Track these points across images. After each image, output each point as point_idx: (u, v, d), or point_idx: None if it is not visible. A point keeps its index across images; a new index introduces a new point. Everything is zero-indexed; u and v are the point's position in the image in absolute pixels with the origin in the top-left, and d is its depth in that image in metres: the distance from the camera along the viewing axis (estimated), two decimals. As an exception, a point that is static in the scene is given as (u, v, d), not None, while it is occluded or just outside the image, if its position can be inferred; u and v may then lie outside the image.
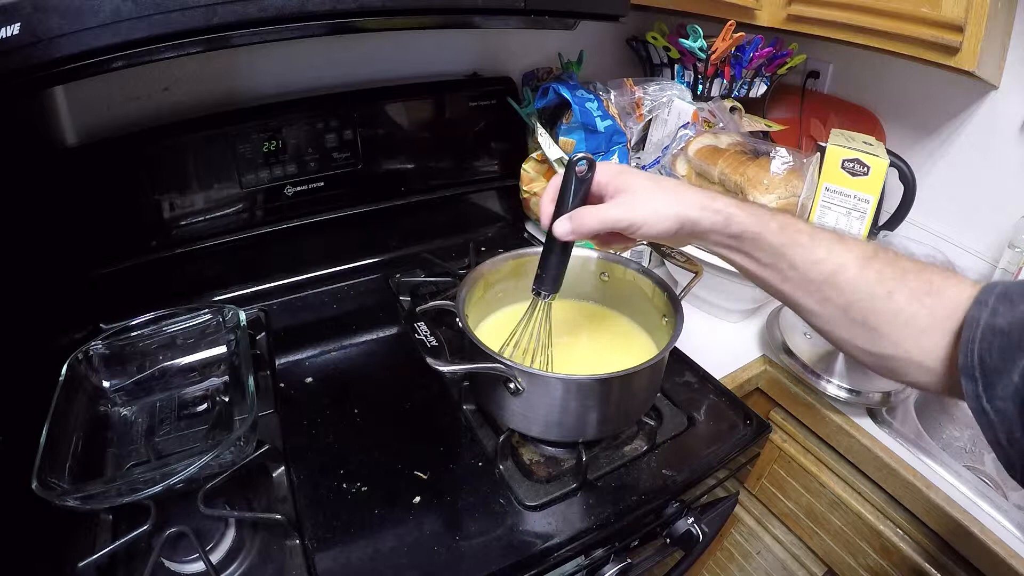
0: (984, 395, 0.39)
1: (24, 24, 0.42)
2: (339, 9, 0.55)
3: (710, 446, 0.69)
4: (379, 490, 0.62)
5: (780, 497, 0.90)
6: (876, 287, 0.45)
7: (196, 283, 0.88)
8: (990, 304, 0.40)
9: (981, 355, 0.39)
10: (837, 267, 0.47)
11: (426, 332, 0.59)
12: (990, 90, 0.99)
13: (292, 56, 0.90)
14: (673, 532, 0.66)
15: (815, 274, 0.48)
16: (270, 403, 0.71)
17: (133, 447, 0.65)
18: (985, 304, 0.40)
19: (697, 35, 1.03)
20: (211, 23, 0.49)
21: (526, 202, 1.07)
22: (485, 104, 1.03)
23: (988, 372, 0.38)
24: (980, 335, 0.39)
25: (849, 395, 0.77)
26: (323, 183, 0.92)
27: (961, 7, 0.76)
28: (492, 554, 0.56)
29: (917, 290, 0.44)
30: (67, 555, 0.53)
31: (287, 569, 0.55)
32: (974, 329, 0.40)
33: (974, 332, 0.39)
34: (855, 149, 0.88)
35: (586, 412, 0.61)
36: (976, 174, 1.04)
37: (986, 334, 0.39)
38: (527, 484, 0.63)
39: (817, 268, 0.47)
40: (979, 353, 0.39)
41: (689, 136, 0.98)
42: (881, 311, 0.45)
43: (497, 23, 0.77)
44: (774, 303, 0.93)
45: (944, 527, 0.68)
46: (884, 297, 0.45)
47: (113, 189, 0.79)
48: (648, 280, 0.72)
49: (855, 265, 0.46)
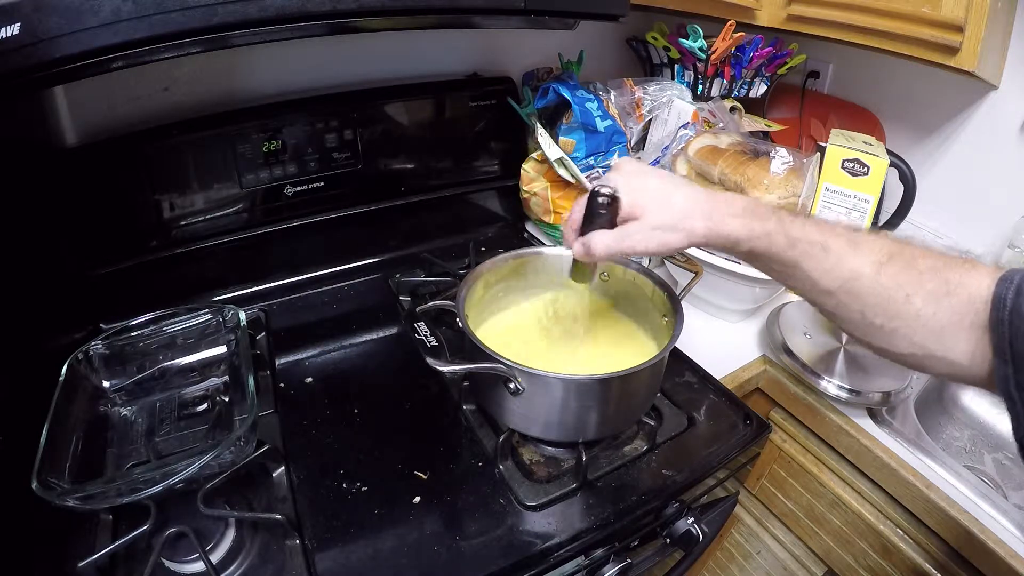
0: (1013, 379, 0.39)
1: (24, 24, 0.42)
2: (339, 9, 0.55)
3: (710, 446, 0.69)
4: (379, 490, 0.62)
5: (780, 497, 0.90)
6: (893, 292, 0.45)
7: (196, 283, 0.88)
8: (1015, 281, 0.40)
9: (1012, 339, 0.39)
10: (851, 275, 0.47)
11: (426, 332, 0.59)
12: (990, 90, 0.99)
13: (292, 56, 0.90)
14: (673, 532, 0.66)
15: (828, 283, 0.48)
16: (270, 403, 0.71)
17: (133, 447, 0.65)
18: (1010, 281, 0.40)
19: (697, 35, 1.03)
20: (211, 23, 0.49)
21: (526, 202, 1.07)
22: (485, 104, 1.03)
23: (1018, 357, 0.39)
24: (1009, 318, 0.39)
25: (849, 395, 0.77)
26: (323, 183, 0.92)
27: (961, 7, 0.76)
28: (492, 554, 0.56)
29: (935, 291, 0.44)
30: (67, 555, 0.53)
31: (287, 569, 0.55)
32: (1001, 310, 0.39)
33: (1002, 313, 0.39)
34: (855, 149, 0.88)
35: (586, 412, 0.61)
36: (976, 174, 1.04)
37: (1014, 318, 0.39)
38: (527, 484, 0.63)
39: (831, 276, 0.48)
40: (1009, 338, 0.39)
41: (689, 136, 0.98)
42: (899, 314, 0.45)
43: (497, 23, 0.77)
44: (774, 303, 0.93)
45: (944, 527, 0.68)
46: (902, 301, 0.45)
47: (113, 189, 0.79)
48: (648, 280, 0.72)
49: (870, 271, 0.46)
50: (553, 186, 1.00)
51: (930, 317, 0.44)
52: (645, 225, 0.51)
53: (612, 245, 0.52)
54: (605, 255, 0.52)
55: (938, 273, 0.44)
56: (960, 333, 0.43)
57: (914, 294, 0.44)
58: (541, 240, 1.09)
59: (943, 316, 0.43)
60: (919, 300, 0.44)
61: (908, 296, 0.44)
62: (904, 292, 0.45)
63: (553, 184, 1.00)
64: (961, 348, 0.43)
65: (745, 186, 0.87)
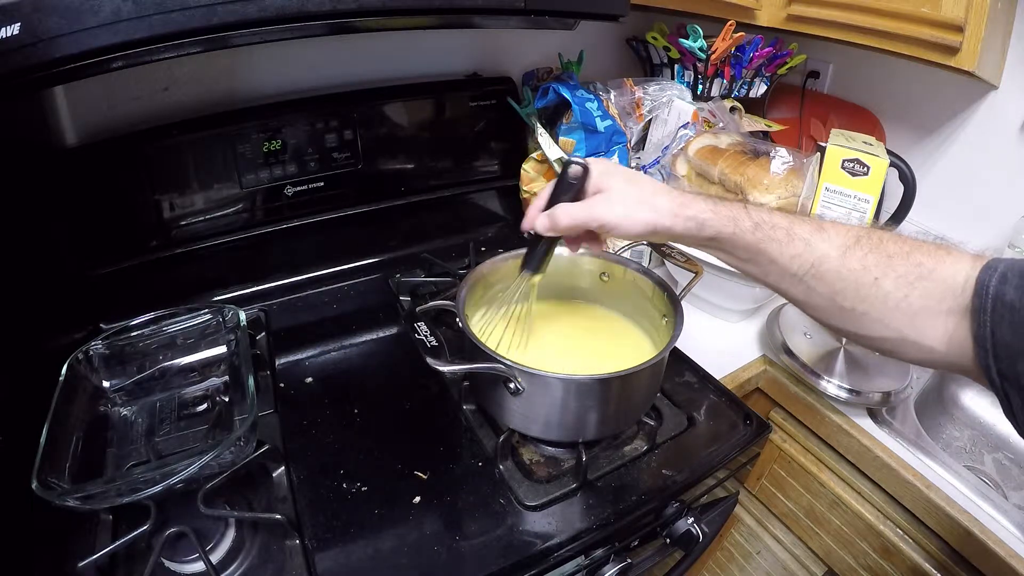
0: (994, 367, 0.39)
1: (24, 24, 0.42)
2: (339, 9, 0.55)
3: (710, 446, 0.69)
4: (379, 490, 0.62)
5: (780, 497, 0.90)
6: (861, 275, 0.45)
7: (196, 283, 0.88)
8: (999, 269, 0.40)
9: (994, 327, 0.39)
10: (817, 259, 0.47)
11: (426, 332, 0.59)
12: (990, 90, 0.99)
13: (292, 56, 0.90)
14: (673, 532, 0.66)
15: (795, 267, 0.48)
16: (270, 403, 0.71)
17: (133, 447, 0.65)
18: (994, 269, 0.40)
19: (697, 35, 1.03)
20: (211, 23, 0.49)
21: (526, 202, 1.07)
22: (485, 104, 1.03)
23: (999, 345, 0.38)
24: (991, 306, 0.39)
25: (849, 395, 0.77)
26: (323, 183, 0.92)
27: (961, 7, 0.76)
28: (492, 554, 0.56)
29: (907, 275, 0.44)
30: (67, 555, 0.53)
31: (287, 569, 0.55)
32: (984, 297, 0.39)
33: (984, 301, 0.39)
34: (855, 149, 0.88)
35: (586, 412, 0.61)
36: (976, 174, 1.04)
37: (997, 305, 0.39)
38: (527, 484, 0.63)
39: (796, 262, 0.48)
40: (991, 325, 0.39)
41: (689, 136, 0.98)
42: (868, 297, 0.45)
43: (497, 23, 0.77)
44: (774, 303, 0.93)
45: (944, 527, 0.68)
46: (870, 284, 0.45)
47: (113, 189, 0.79)
48: (648, 280, 0.72)
49: (836, 255, 0.46)
50: (553, 186, 1.00)
51: (900, 300, 0.44)
52: (610, 196, 0.51)
53: (577, 215, 0.51)
54: (568, 223, 0.52)
55: (908, 257, 0.44)
56: (936, 319, 0.43)
57: (883, 277, 0.44)
58: (541, 240, 1.09)
59: (915, 300, 0.43)
60: (888, 283, 0.44)
61: (876, 280, 0.44)
62: (872, 275, 0.45)
63: (553, 184, 1.00)
64: (936, 334, 0.43)
65: (745, 186, 0.87)
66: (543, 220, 0.54)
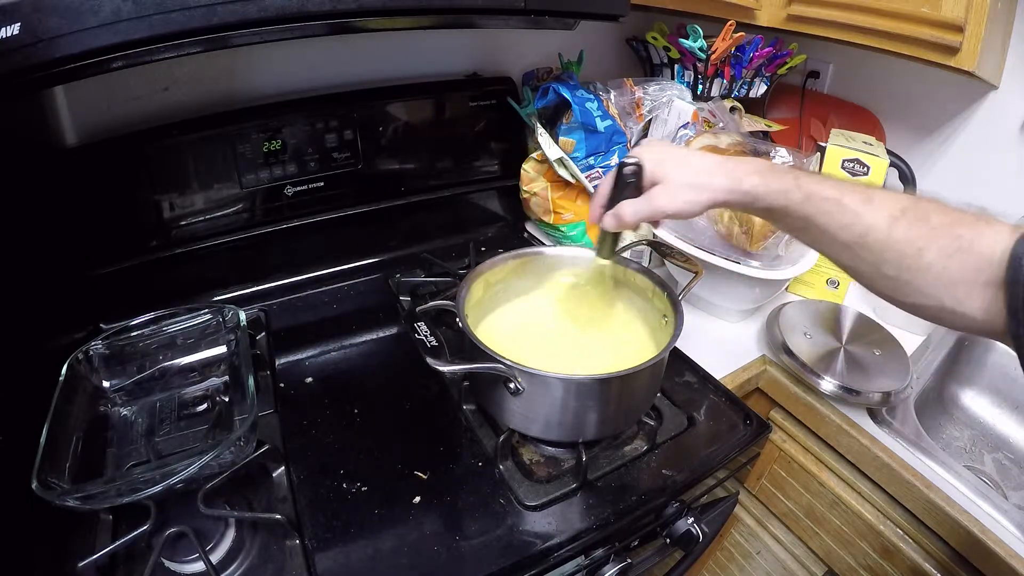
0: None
1: (24, 24, 0.42)
2: (339, 9, 0.55)
3: (710, 446, 0.69)
4: (379, 490, 0.62)
5: (780, 497, 0.90)
6: (905, 247, 0.46)
7: (196, 283, 0.88)
8: None
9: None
10: (866, 229, 0.48)
11: (426, 332, 0.59)
12: (990, 90, 0.99)
13: (292, 56, 0.90)
14: (673, 532, 0.66)
15: (844, 237, 0.50)
16: (270, 403, 0.71)
17: (133, 447, 0.65)
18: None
19: (697, 35, 1.03)
20: (211, 23, 0.49)
21: (526, 202, 1.07)
22: (485, 104, 1.03)
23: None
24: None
25: (849, 395, 0.77)
26: (323, 183, 0.92)
27: (961, 7, 0.76)
28: (492, 554, 0.56)
29: (946, 247, 0.45)
30: (67, 555, 0.53)
31: (287, 569, 0.55)
32: (1018, 270, 0.40)
33: (1018, 274, 0.40)
34: (855, 149, 0.88)
35: (586, 412, 0.61)
36: (976, 174, 1.04)
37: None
38: (527, 484, 0.63)
39: (845, 232, 0.49)
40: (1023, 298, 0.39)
41: (689, 136, 0.98)
42: (911, 268, 0.46)
43: (497, 23, 0.77)
44: (774, 303, 0.93)
45: (944, 527, 0.68)
46: (914, 255, 0.46)
47: (113, 189, 0.79)
48: (648, 280, 0.72)
49: (884, 225, 0.47)
50: (553, 186, 1.00)
51: (941, 271, 0.45)
52: (669, 187, 0.55)
53: (640, 210, 0.55)
54: (635, 220, 0.56)
55: (951, 229, 0.45)
56: (974, 289, 0.43)
57: (926, 248, 0.45)
58: (541, 240, 1.09)
59: (954, 271, 0.44)
60: (931, 254, 0.45)
61: (920, 250, 0.46)
62: (916, 247, 0.46)
63: (553, 184, 1.00)
64: (975, 304, 0.44)
65: (745, 186, 0.87)
66: (609, 220, 0.58)
